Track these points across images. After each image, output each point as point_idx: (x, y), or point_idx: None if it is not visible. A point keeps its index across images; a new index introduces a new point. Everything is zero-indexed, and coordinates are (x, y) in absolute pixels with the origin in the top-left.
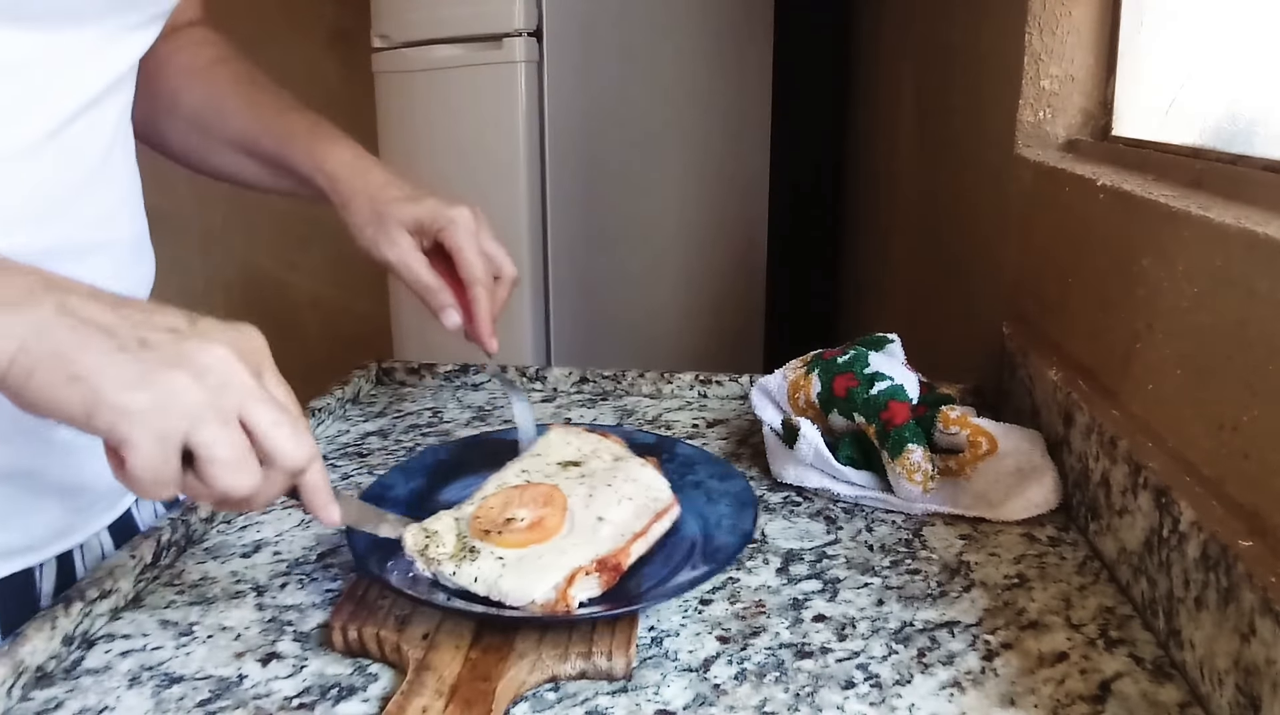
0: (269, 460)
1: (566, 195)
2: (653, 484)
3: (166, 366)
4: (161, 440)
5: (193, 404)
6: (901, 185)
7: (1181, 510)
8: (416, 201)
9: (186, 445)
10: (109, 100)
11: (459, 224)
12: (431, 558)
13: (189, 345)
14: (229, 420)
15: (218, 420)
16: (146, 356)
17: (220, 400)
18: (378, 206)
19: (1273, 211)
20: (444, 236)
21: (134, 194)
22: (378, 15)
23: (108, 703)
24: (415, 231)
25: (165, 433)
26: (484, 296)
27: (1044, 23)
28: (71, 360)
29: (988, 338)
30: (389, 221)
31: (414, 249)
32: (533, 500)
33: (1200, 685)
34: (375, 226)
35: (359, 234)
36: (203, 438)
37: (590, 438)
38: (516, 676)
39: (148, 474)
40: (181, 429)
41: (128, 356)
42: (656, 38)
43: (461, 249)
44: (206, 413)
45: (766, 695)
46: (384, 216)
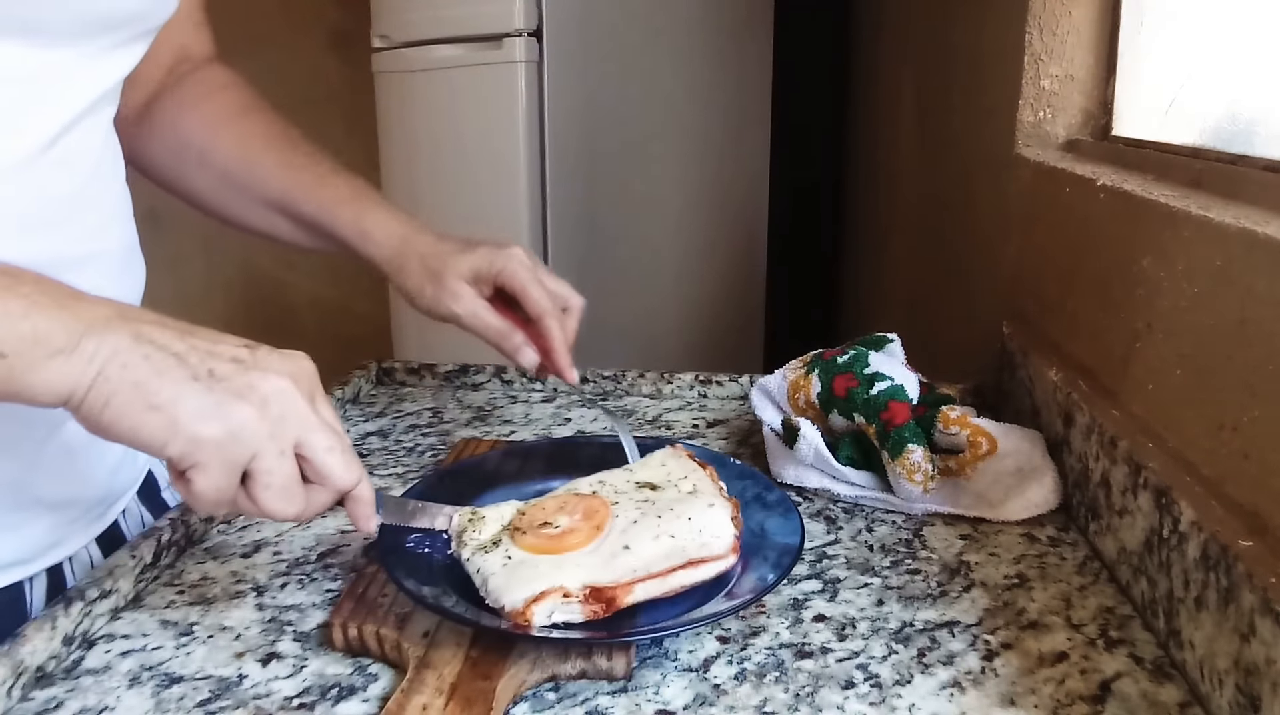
0: (321, 481)
1: (566, 195)
2: (710, 529)
3: (236, 398)
4: (227, 466)
5: (257, 435)
6: (901, 185)
7: (1181, 510)
8: (470, 251)
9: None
10: (99, 113)
11: (516, 262)
12: (464, 541)
13: (253, 376)
14: (285, 450)
15: (275, 450)
16: (217, 387)
17: (279, 430)
18: (431, 265)
19: (1273, 211)
20: (503, 279)
21: (124, 204)
22: (378, 15)
23: (108, 703)
24: (473, 281)
25: (232, 460)
26: (555, 327)
27: (1044, 23)
28: (151, 390)
29: (988, 338)
30: (446, 277)
31: (476, 298)
32: (579, 511)
33: (1200, 685)
34: (434, 285)
35: (419, 297)
36: (262, 466)
37: (688, 465)
38: (517, 675)
39: (212, 494)
40: (245, 457)
41: (200, 386)
42: (656, 37)
43: (525, 286)
44: (267, 444)
45: (766, 695)
46: (440, 273)
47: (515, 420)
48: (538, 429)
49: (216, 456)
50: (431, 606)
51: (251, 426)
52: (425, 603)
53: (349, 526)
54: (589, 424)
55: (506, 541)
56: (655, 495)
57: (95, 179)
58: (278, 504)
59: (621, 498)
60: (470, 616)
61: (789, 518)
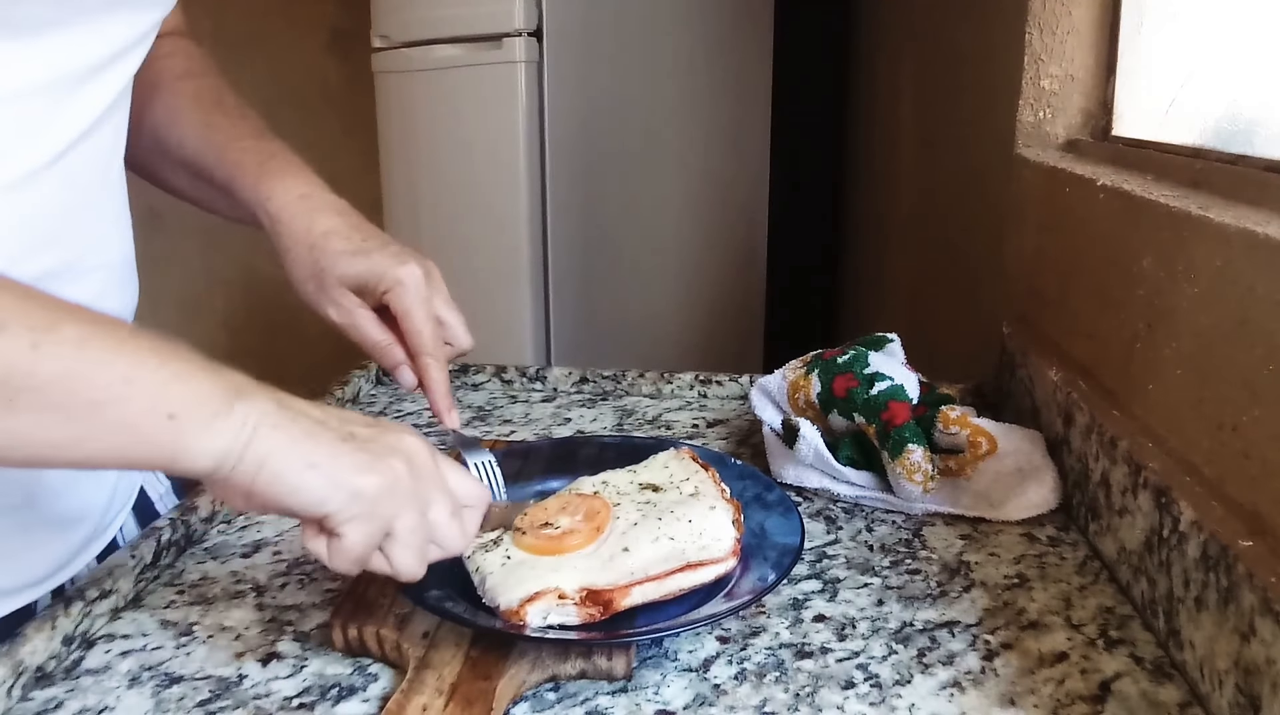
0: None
1: (566, 195)
2: (711, 531)
3: (387, 455)
4: (381, 521)
5: (407, 492)
6: (901, 185)
7: (1181, 510)
8: (361, 256)
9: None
10: (105, 124)
11: (406, 286)
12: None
13: (391, 437)
14: (424, 509)
15: (417, 508)
16: (365, 447)
17: (421, 488)
18: (318, 260)
19: (1273, 211)
20: (389, 299)
21: (124, 215)
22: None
23: (108, 703)
24: (358, 290)
25: (385, 515)
26: (432, 370)
27: (1044, 23)
28: (307, 449)
29: (988, 338)
30: (329, 278)
31: (359, 307)
32: (580, 512)
33: (1200, 685)
34: (315, 283)
35: (300, 288)
36: (405, 525)
37: (690, 467)
38: (517, 675)
39: (361, 550)
40: (394, 513)
41: (351, 446)
42: (656, 38)
43: (407, 314)
44: (411, 501)
45: (766, 695)
46: (324, 272)
47: (515, 420)
48: (538, 429)
49: (372, 511)
50: (431, 607)
51: (405, 483)
52: (425, 603)
53: None
54: (589, 424)
55: (507, 541)
56: (657, 497)
57: (103, 188)
58: (412, 564)
59: (623, 499)
60: (469, 617)
61: (789, 518)
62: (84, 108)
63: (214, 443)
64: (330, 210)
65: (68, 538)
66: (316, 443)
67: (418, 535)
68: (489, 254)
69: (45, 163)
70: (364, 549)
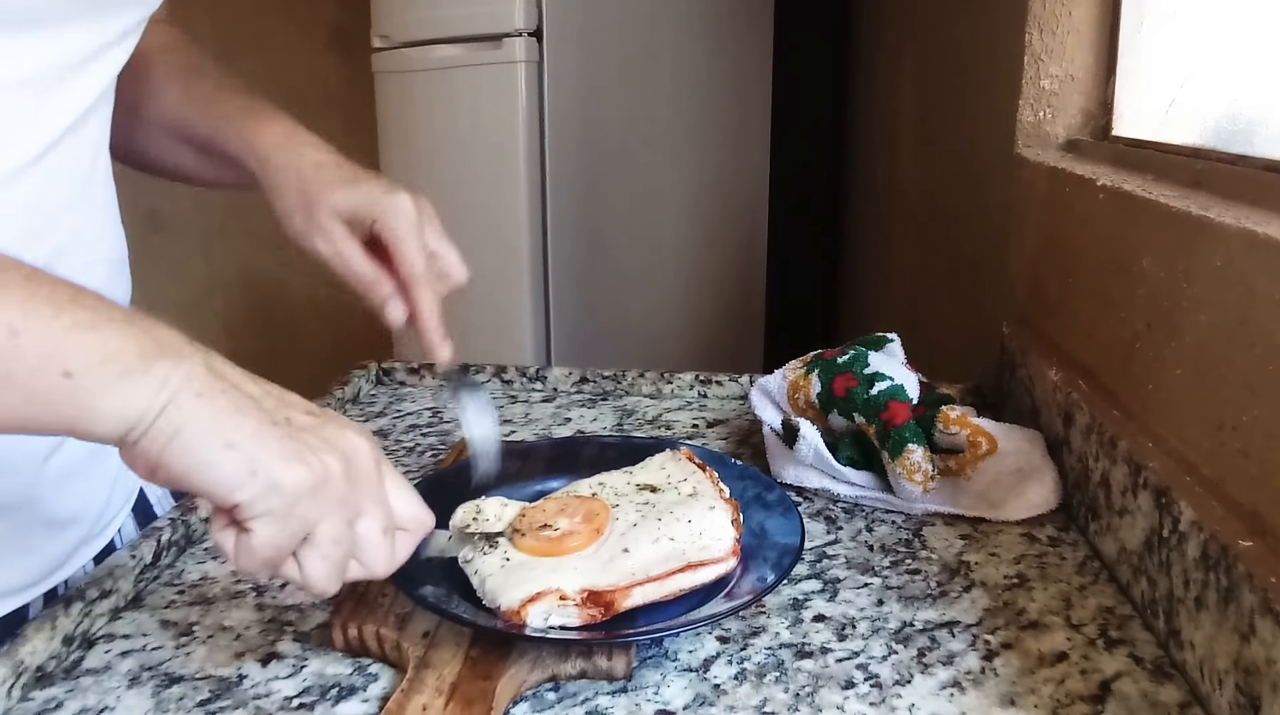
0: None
1: (566, 195)
2: (710, 532)
3: (321, 448)
4: (298, 523)
5: (336, 495)
6: (901, 185)
7: (1181, 510)
8: (352, 186)
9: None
10: (91, 119)
11: (399, 212)
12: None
13: (331, 430)
14: (353, 519)
15: (344, 516)
16: (298, 436)
17: (354, 495)
18: (307, 190)
19: (1273, 211)
20: (380, 227)
21: (113, 212)
22: (378, 15)
23: (108, 703)
24: (349, 220)
25: (304, 517)
26: (427, 296)
27: (1044, 23)
28: (229, 426)
29: (988, 338)
30: (319, 208)
31: (347, 238)
32: (579, 513)
33: (1200, 685)
34: (304, 213)
35: (287, 222)
36: (327, 532)
37: (688, 467)
38: (517, 675)
39: (269, 551)
40: (315, 518)
41: (281, 431)
42: (656, 38)
43: (400, 241)
44: (339, 507)
45: (766, 695)
46: (314, 202)
47: (515, 420)
48: (537, 429)
49: (290, 510)
50: (431, 607)
51: (337, 485)
52: (425, 603)
53: None
54: (589, 424)
55: (505, 544)
56: (655, 498)
57: (89, 184)
58: (324, 578)
59: (621, 500)
60: (469, 617)
61: (789, 518)
62: (68, 104)
63: (121, 406)
64: (318, 147)
65: (63, 539)
66: (242, 419)
67: (339, 547)
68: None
69: (29, 159)
70: (273, 551)
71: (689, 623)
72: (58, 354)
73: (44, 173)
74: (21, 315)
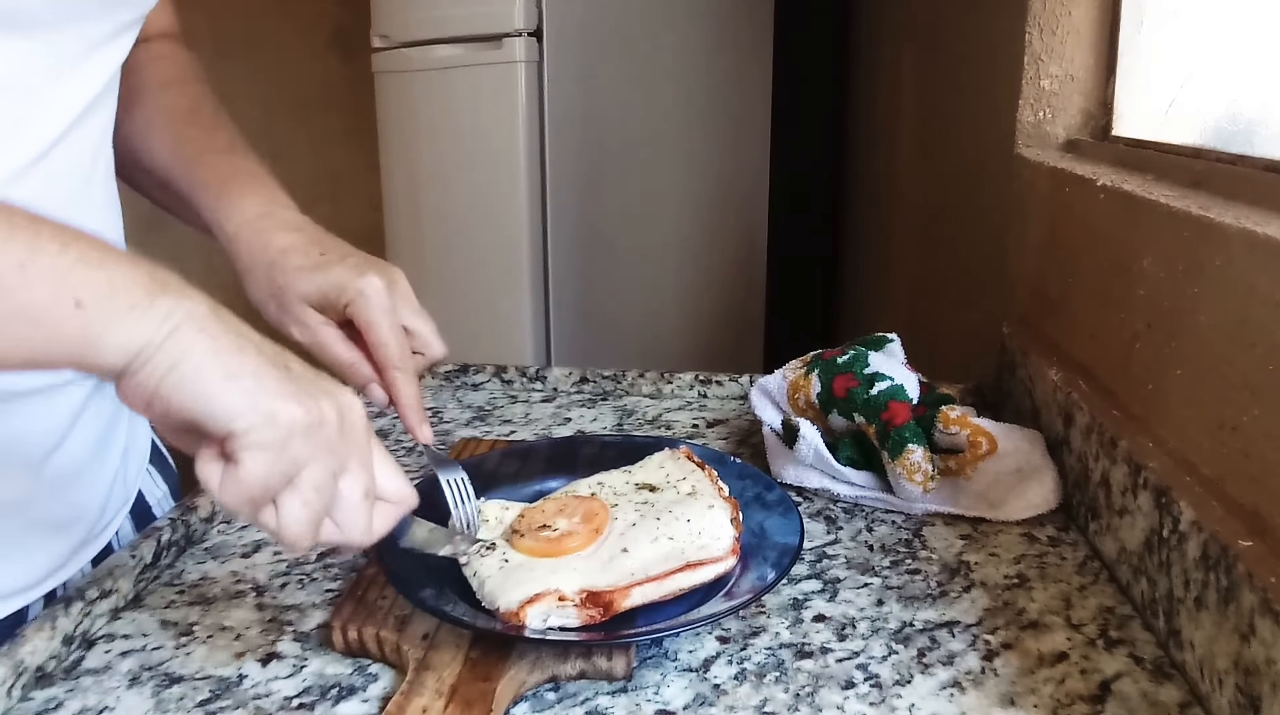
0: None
1: (566, 195)
2: (709, 531)
3: (318, 394)
4: (288, 461)
5: (328, 441)
6: (902, 185)
7: (1181, 510)
8: (321, 271)
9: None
10: (91, 119)
11: (368, 297)
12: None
13: (327, 384)
14: (338, 473)
15: (332, 468)
16: (297, 379)
17: (342, 447)
18: (276, 278)
19: (1273, 211)
20: (352, 312)
21: (114, 210)
22: (378, 15)
23: (108, 703)
24: (320, 306)
25: (294, 456)
26: (401, 383)
27: (1044, 23)
28: (231, 361)
29: (988, 338)
30: (290, 297)
31: (322, 325)
32: (578, 514)
33: (1200, 685)
34: (276, 303)
35: (262, 310)
36: (312, 478)
37: (687, 466)
38: (516, 676)
39: (256, 485)
40: (304, 460)
41: (280, 372)
42: (656, 38)
43: (372, 327)
44: (328, 456)
45: (766, 695)
46: (284, 291)
47: (515, 420)
48: (537, 429)
49: (284, 445)
50: (431, 609)
51: (329, 432)
52: (424, 605)
53: None
54: (589, 424)
55: (504, 545)
56: (654, 497)
57: (89, 185)
58: (301, 527)
59: (620, 500)
60: (469, 619)
61: (789, 518)
62: (65, 103)
63: (128, 337)
64: (288, 227)
65: (63, 541)
66: (243, 357)
67: (321, 496)
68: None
69: (30, 159)
70: (259, 488)
71: (689, 623)
72: (67, 286)
73: (44, 173)
74: (29, 251)
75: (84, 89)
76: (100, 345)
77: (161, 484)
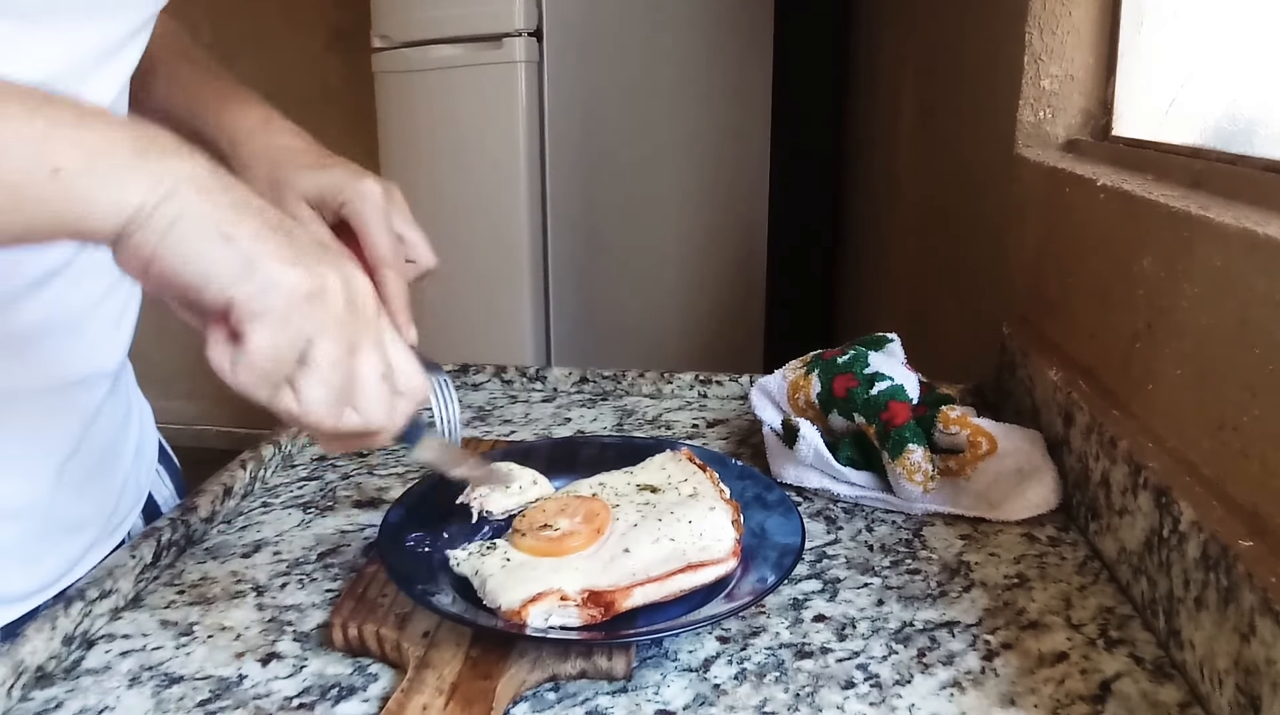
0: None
1: (566, 195)
2: (711, 532)
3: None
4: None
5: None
6: (902, 185)
7: (1181, 510)
8: (320, 169)
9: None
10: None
11: (365, 196)
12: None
13: (332, 257)
14: (351, 350)
15: (344, 342)
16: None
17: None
18: (275, 173)
19: (1273, 211)
20: (347, 211)
21: None
22: (378, 15)
23: (108, 703)
24: (316, 203)
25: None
26: (394, 279)
27: (1044, 23)
28: (229, 219)
29: (988, 338)
30: (286, 190)
31: (313, 220)
32: (580, 513)
33: (1200, 685)
34: (272, 197)
35: None
36: (325, 352)
37: (688, 468)
38: (517, 675)
39: (266, 360)
40: (313, 330)
41: (281, 236)
42: (656, 38)
43: (366, 225)
44: (338, 329)
45: (766, 695)
46: (281, 184)
47: (515, 420)
48: (538, 429)
49: (287, 314)
50: (431, 606)
51: (335, 305)
52: (425, 603)
53: (349, 526)
54: (589, 424)
55: (505, 544)
56: (655, 498)
57: None
58: (324, 408)
59: (622, 500)
60: (470, 616)
61: (789, 518)
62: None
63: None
64: (291, 132)
65: (76, 543)
66: (243, 217)
67: (337, 372)
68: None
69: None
70: (271, 361)
71: (689, 623)
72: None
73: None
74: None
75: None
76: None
77: (169, 483)
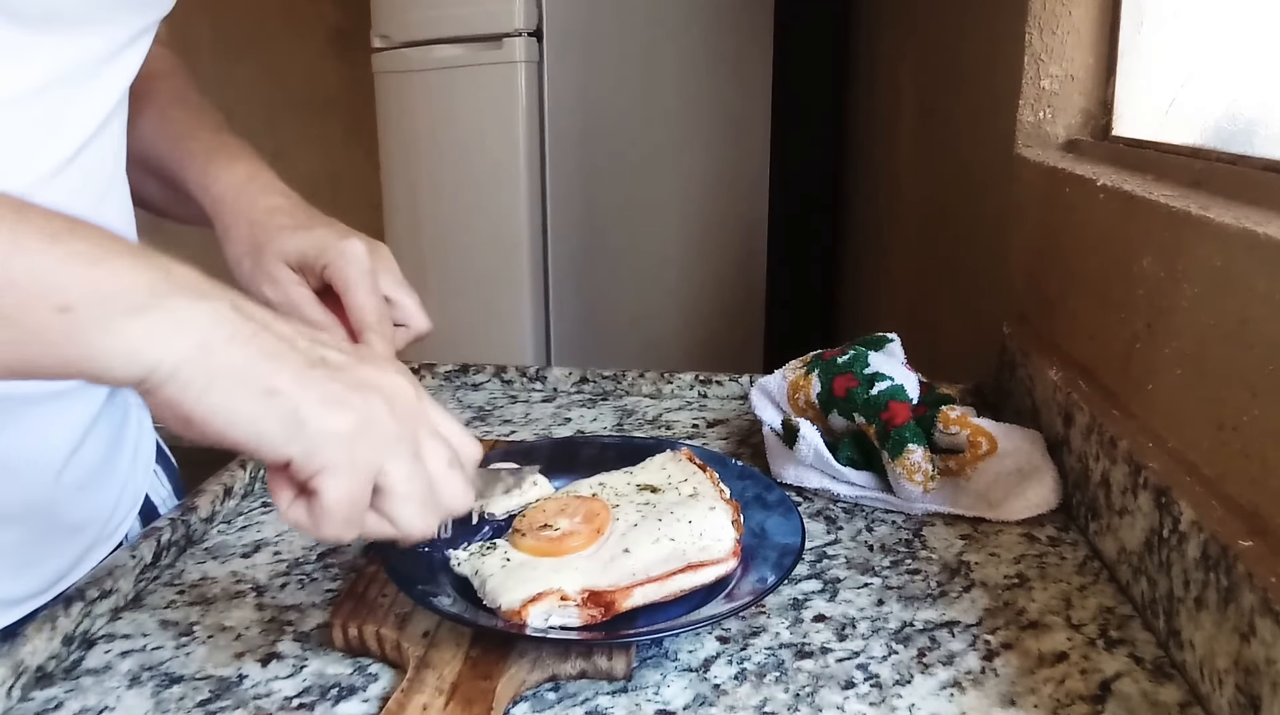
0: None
1: (566, 195)
2: (711, 532)
3: (363, 389)
4: (362, 469)
5: (390, 433)
6: (901, 185)
7: (1181, 510)
8: (303, 231)
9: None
10: (111, 123)
11: (348, 258)
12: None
13: (368, 369)
14: (417, 454)
15: (409, 453)
16: (338, 376)
17: (410, 430)
18: (257, 235)
19: (1273, 211)
20: (330, 273)
21: (130, 207)
22: (378, 15)
23: (108, 703)
24: (299, 266)
25: (367, 462)
26: (378, 343)
27: (1044, 23)
28: (266, 371)
29: (988, 338)
30: (267, 254)
31: (296, 284)
32: (580, 513)
33: (1200, 685)
34: (252, 259)
35: (236, 268)
36: (399, 473)
37: (688, 468)
38: (517, 675)
39: (345, 508)
40: (379, 460)
41: (320, 373)
42: (656, 38)
43: (349, 287)
44: (399, 445)
45: (766, 695)
46: (263, 248)
47: (515, 420)
48: (538, 429)
49: (350, 456)
50: (432, 607)
51: (384, 423)
52: (425, 603)
53: None
54: (589, 424)
55: (503, 542)
56: (655, 498)
57: (112, 187)
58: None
59: (622, 500)
60: (470, 616)
61: (789, 518)
62: (92, 107)
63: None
64: (275, 192)
65: (75, 545)
66: (280, 365)
67: (417, 483)
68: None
69: (68, 157)
70: (350, 507)
71: (689, 623)
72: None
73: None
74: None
75: (109, 92)
76: (101, 354)
77: (166, 484)
